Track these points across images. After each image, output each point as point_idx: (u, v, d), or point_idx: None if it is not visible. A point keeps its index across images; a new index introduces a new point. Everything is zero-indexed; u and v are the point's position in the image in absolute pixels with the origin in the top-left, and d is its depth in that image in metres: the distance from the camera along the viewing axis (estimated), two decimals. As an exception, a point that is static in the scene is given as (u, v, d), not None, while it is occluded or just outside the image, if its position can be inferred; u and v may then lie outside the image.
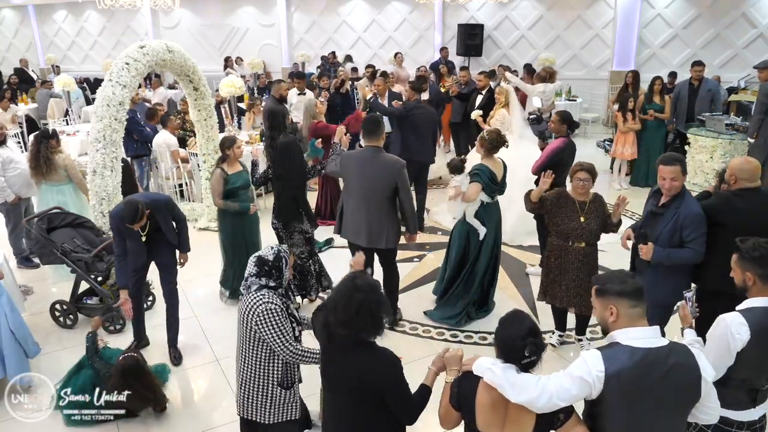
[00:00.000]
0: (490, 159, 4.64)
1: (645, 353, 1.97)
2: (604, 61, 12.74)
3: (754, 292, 2.38)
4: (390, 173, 4.20)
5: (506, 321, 2.13)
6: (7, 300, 3.86)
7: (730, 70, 11.30)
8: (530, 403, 1.97)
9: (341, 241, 6.36)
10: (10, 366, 3.82)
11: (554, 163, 4.85)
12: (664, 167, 3.30)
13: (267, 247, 2.90)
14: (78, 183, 5.62)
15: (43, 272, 5.73)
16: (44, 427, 3.70)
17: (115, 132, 5.07)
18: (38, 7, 17.38)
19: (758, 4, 11.08)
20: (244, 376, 2.84)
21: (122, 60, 5.24)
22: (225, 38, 16.10)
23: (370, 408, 2.28)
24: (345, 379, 2.30)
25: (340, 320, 2.22)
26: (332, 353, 2.35)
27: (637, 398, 1.96)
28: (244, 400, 2.86)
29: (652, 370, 1.95)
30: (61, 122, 10.62)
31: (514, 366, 2.04)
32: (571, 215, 3.98)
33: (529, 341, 2.01)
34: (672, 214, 3.31)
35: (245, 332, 2.76)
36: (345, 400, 2.33)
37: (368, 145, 4.30)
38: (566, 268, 4.05)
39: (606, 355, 1.98)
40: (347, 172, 4.36)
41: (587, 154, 10.08)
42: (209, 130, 6.75)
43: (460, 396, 2.15)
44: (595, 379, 1.95)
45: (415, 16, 14.37)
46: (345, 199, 4.47)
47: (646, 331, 2.02)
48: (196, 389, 4.17)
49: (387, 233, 4.32)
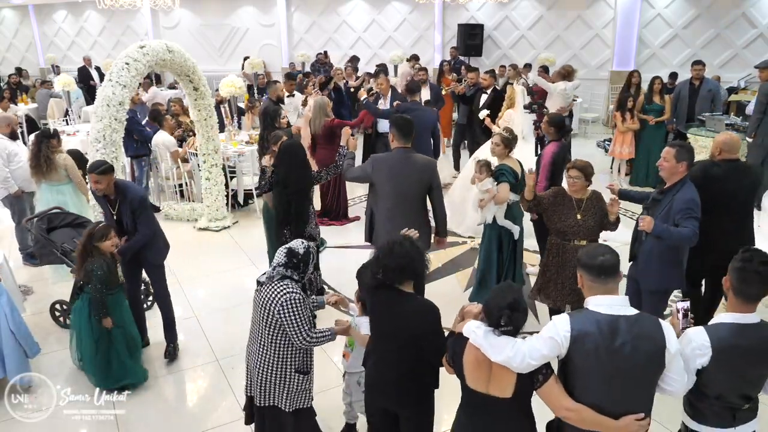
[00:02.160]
0: (509, 158, 4.70)
1: (610, 320, 2.12)
2: (604, 61, 12.75)
3: (730, 303, 2.31)
4: (424, 172, 4.09)
5: (496, 290, 2.32)
6: (7, 300, 3.86)
7: (730, 70, 11.30)
8: (506, 362, 2.14)
9: (336, 242, 6.40)
10: (10, 366, 3.81)
11: (552, 165, 4.88)
12: (666, 148, 3.60)
13: (298, 241, 3.00)
14: (78, 183, 5.63)
15: (43, 272, 5.73)
16: (44, 427, 3.70)
17: (115, 132, 5.07)
18: (38, 7, 17.38)
19: (758, 4, 11.08)
20: (261, 363, 2.92)
21: (122, 60, 5.24)
22: (225, 38, 16.10)
23: (411, 352, 2.54)
24: (389, 326, 2.59)
25: (386, 269, 2.55)
26: (378, 303, 2.67)
27: (600, 361, 2.09)
28: (261, 388, 2.94)
29: (615, 336, 2.08)
30: (61, 122, 10.61)
31: (493, 329, 2.21)
32: (568, 213, 3.96)
33: (505, 312, 2.17)
34: (668, 200, 3.51)
35: (266, 320, 2.86)
36: (389, 345, 2.61)
37: (398, 147, 4.13)
38: (564, 266, 4.03)
39: (573, 318, 2.17)
40: (379, 177, 4.09)
41: (587, 154, 10.07)
42: (209, 130, 6.75)
43: (454, 354, 2.35)
44: (562, 339, 2.12)
45: (415, 16, 14.38)
46: (377, 204, 4.20)
47: (612, 299, 2.18)
48: (196, 389, 4.16)
49: (421, 236, 4.25)
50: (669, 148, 3.59)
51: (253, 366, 2.98)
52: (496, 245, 4.72)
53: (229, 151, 7.42)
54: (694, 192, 3.47)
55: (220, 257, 6.07)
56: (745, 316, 2.24)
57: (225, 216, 7.05)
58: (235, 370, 4.23)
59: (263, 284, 2.90)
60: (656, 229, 3.42)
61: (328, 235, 6.55)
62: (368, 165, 4.16)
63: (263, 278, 2.93)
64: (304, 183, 4.38)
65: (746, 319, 2.24)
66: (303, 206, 4.37)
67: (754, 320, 2.25)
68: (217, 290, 5.42)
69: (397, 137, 4.12)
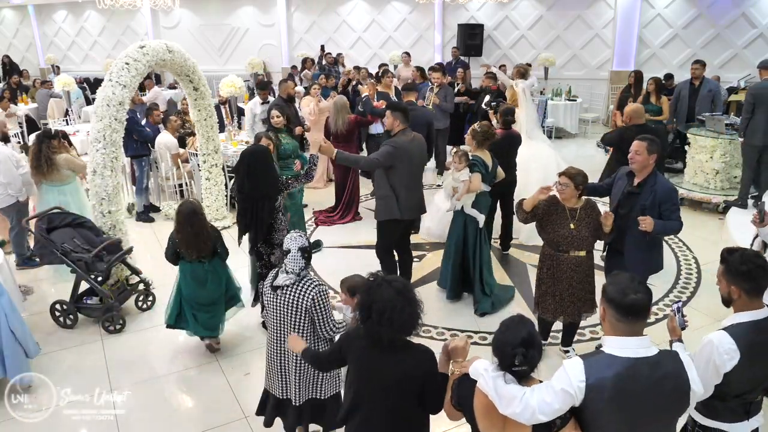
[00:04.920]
0: (481, 151, 4.93)
1: (630, 363, 1.93)
2: (604, 61, 12.74)
3: (739, 305, 2.33)
4: (423, 146, 4.83)
5: (505, 325, 2.10)
6: (7, 300, 3.86)
7: (730, 70, 11.29)
8: (515, 417, 1.96)
9: (336, 242, 6.40)
10: (10, 366, 3.81)
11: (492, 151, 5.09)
12: (636, 140, 3.78)
13: (293, 235, 3.03)
14: (80, 168, 5.64)
15: (43, 272, 5.73)
16: (44, 427, 3.70)
17: (115, 132, 5.07)
18: (38, 7, 17.37)
19: (758, 4, 11.07)
20: (297, 364, 3.03)
21: (122, 60, 5.24)
22: (225, 38, 16.09)
23: (406, 404, 2.32)
24: (385, 378, 2.30)
25: (397, 326, 2.24)
26: (370, 357, 2.34)
27: (620, 407, 1.93)
28: (302, 386, 3.07)
29: (636, 380, 1.92)
30: (61, 122, 10.61)
31: (504, 373, 2.01)
32: (561, 222, 3.85)
33: (519, 351, 1.97)
34: (649, 192, 3.71)
35: (297, 319, 2.96)
36: (379, 399, 2.33)
37: (401, 129, 4.64)
38: (559, 277, 3.93)
39: (587, 363, 1.96)
40: (401, 158, 4.55)
41: (587, 154, 10.12)
42: (209, 130, 6.75)
43: (460, 397, 2.16)
44: (576, 390, 1.93)
45: (415, 16, 14.37)
46: (399, 183, 4.60)
47: (633, 341, 1.97)
48: (196, 389, 4.16)
49: (419, 196, 4.86)
50: (640, 141, 3.73)
51: (289, 369, 3.07)
52: (459, 232, 4.97)
53: (229, 151, 7.42)
54: (670, 182, 3.81)
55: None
56: (758, 312, 2.29)
57: (225, 216, 7.05)
58: (235, 370, 4.24)
59: (286, 287, 2.97)
60: (656, 229, 3.63)
61: (328, 235, 6.55)
62: (391, 149, 4.53)
63: (283, 282, 2.98)
64: (264, 190, 4.17)
65: (761, 315, 2.29)
66: (262, 213, 4.17)
67: (766, 314, 2.30)
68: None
69: (401, 120, 4.63)
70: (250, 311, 4.71)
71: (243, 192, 4.23)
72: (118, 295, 4.92)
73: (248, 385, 4.07)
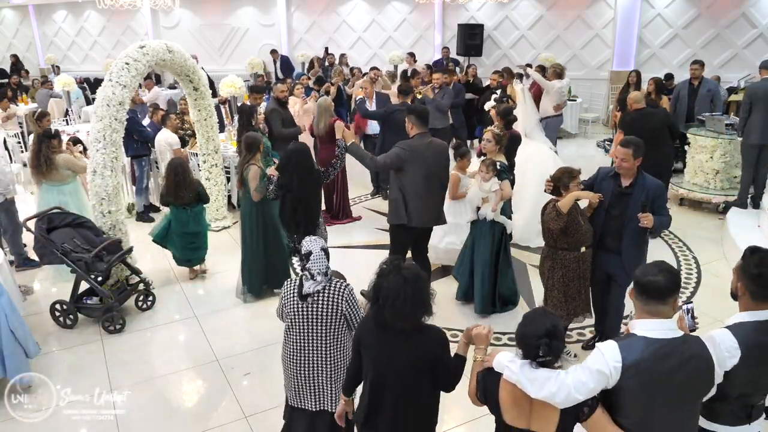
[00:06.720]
0: (500, 155, 4.90)
1: (660, 344, 2.01)
2: (604, 61, 12.73)
3: (743, 304, 2.34)
4: (443, 153, 4.56)
5: (528, 318, 2.15)
6: (7, 300, 3.86)
7: (730, 70, 11.28)
8: (550, 399, 2.00)
9: (336, 242, 6.39)
10: (10, 366, 3.81)
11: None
12: (620, 148, 3.81)
13: (309, 238, 2.93)
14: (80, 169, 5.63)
15: (43, 272, 5.73)
16: (44, 427, 3.70)
17: (115, 132, 5.07)
18: (38, 7, 17.37)
19: (758, 4, 11.07)
20: (332, 369, 2.87)
21: (122, 60, 5.24)
22: (225, 38, 16.09)
23: (419, 385, 2.35)
24: (399, 362, 2.33)
25: (399, 314, 2.28)
26: (382, 342, 2.37)
27: (652, 388, 1.99)
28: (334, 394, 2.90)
29: (667, 361, 1.99)
30: (61, 122, 10.61)
31: (529, 361, 2.05)
32: (578, 221, 3.88)
33: (543, 342, 2.02)
34: (641, 191, 3.78)
35: (336, 324, 2.83)
36: (394, 383, 2.36)
37: (418, 133, 4.46)
38: (572, 277, 3.93)
39: (622, 345, 2.02)
40: (412, 161, 4.37)
41: (587, 154, 10.12)
42: (209, 130, 6.75)
43: (486, 391, 2.20)
44: (612, 370, 1.99)
45: (415, 16, 14.37)
46: (405, 185, 4.43)
47: (662, 323, 2.05)
48: (196, 389, 4.16)
49: (440, 207, 4.68)
50: (624, 149, 3.74)
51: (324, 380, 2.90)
52: (488, 240, 4.77)
53: (229, 151, 7.42)
54: (658, 179, 3.93)
55: (220, 257, 6.07)
56: (763, 313, 2.29)
57: (225, 216, 7.06)
58: (235, 370, 4.24)
59: (318, 293, 2.81)
60: (657, 224, 3.75)
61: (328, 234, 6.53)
62: (401, 151, 4.40)
63: (313, 288, 2.81)
64: (310, 187, 4.43)
65: (765, 315, 2.28)
66: (311, 210, 4.45)
67: None
68: (217, 290, 5.42)
69: (416, 124, 4.46)
70: (251, 311, 4.72)
71: (292, 190, 4.34)
72: (118, 295, 4.91)
73: (248, 385, 4.08)
